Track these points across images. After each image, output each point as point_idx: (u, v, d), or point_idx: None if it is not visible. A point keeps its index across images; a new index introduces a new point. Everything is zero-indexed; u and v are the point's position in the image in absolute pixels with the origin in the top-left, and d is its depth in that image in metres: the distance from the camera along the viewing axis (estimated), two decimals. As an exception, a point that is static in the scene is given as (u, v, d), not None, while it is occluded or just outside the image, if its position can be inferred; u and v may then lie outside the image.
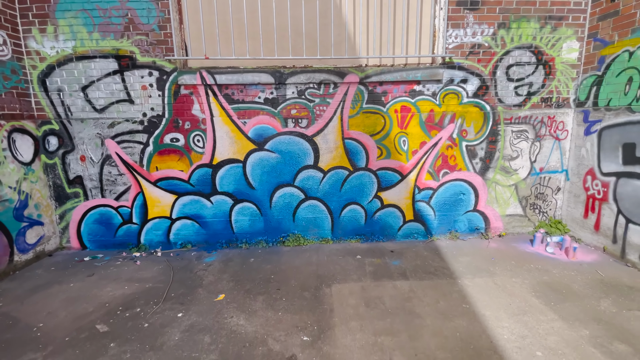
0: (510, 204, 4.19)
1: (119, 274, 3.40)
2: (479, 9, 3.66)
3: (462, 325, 2.50)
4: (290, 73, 3.64)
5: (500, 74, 3.83)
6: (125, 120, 3.67)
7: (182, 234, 3.98)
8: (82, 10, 3.46)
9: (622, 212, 3.45)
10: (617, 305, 2.73)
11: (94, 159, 3.76)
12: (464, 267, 3.44)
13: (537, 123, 3.98)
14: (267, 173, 3.88)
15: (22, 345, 2.34)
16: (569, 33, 3.80)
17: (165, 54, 3.55)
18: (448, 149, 3.97)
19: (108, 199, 3.87)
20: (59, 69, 3.59)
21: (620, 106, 3.42)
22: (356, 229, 4.10)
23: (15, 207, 3.45)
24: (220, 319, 2.60)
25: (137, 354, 2.22)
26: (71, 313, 2.72)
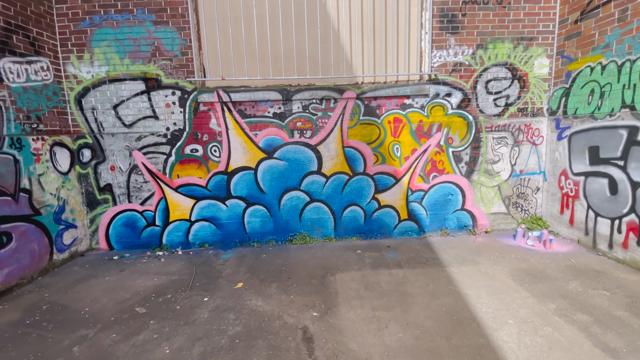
0: (495, 203, 4.65)
1: (147, 269, 3.84)
2: (459, 32, 4.20)
3: (448, 302, 2.94)
4: (296, 90, 4.16)
5: (480, 88, 4.35)
6: (150, 134, 4.18)
7: (200, 235, 4.43)
8: (115, 40, 4.00)
9: (592, 207, 3.91)
10: (584, 285, 3.16)
11: (123, 168, 4.24)
12: (452, 258, 3.88)
13: (515, 130, 4.48)
14: (276, 179, 4.35)
15: (74, 324, 2.78)
16: (540, 51, 4.33)
17: (186, 76, 4.08)
18: (436, 154, 4.45)
19: (134, 204, 4.33)
20: (94, 90, 4.11)
21: (585, 114, 3.92)
22: (356, 228, 4.55)
23: (54, 212, 3.92)
24: (241, 302, 3.03)
25: (175, 327, 2.66)
26: (111, 299, 3.16)
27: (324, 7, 4.17)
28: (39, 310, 3.02)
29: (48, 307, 3.06)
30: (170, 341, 2.49)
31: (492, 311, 2.77)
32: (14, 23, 3.57)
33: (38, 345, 2.51)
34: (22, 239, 3.52)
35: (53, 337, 2.60)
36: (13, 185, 3.45)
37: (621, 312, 2.68)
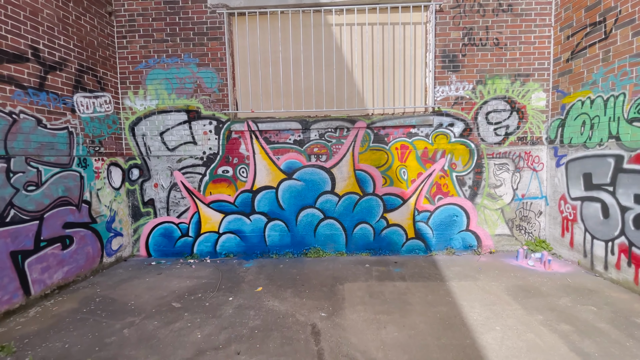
0: (498, 225, 4.94)
1: (180, 273, 4.41)
2: (459, 70, 4.72)
3: (443, 310, 3.28)
4: (314, 121, 4.77)
5: (481, 118, 4.79)
6: (189, 157, 4.88)
7: (226, 246, 4.98)
8: (165, 79, 4.82)
9: (588, 230, 4.15)
10: (574, 301, 3.40)
11: (164, 185, 4.94)
12: (454, 274, 4.19)
13: (515, 157, 4.84)
14: (294, 197, 4.89)
15: (123, 313, 3.34)
16: (536, 86, 4.75)
17: (222, 108, 4.81)
18: (441, 178, 4.86)
19: (172, 217, 4.99)
20: (145, 119, 4.90)
21: (579, 143, 4.25)
22: (366, 244, 4.96)
23: (107, 221, 4.62)
24: (260, 302, 3.50)
25: (205, 319, 3.16)
26: (152, 296, 3.72)
27: (339, 51, 4.83)
28: (93, 301, 3.62)
29: (100, 300, 3.66)
30: (201, 329, 2.98)
31: (482, 319, 3.08)
32: (85, 65, 4.42)
33: (94, 327, 3.08)
34: (80, 243, 4.20)
35: (106, 322, 3.16)
36: (78, 197, 4.18)
37: (603, 325, 2.93)
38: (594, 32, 3.99)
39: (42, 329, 3.04)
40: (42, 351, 2.70)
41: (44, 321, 3.19)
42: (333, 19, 4.80)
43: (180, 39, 4.79)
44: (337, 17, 4.80)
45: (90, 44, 4.47)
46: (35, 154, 3.62)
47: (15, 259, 3.36)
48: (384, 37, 4.82)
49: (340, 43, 4.85)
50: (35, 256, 3.58)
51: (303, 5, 4.68)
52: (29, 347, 2.77)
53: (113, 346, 2.76)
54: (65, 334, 2.97)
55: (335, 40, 4.82)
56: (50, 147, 3.82)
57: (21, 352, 2.70)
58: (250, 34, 4.83)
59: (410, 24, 4.79)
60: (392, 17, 4.74)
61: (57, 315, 3.31)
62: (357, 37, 4.82)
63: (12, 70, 3.43)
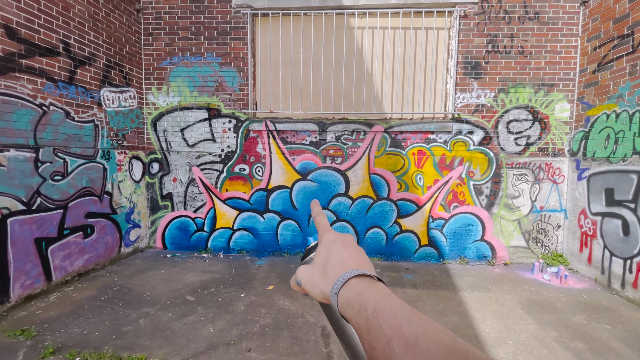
0: (514, 237, 4.86)
1: (194, 267, 4.50)
2: (482, 77, 4.66)
3: (454, 320, 3.25)
4: (331, 123, 4.79)
5: (501, 127, 4.71)
6: (208, 154, 4.97)
7: (240, 242, 5.06)
8: (188, 77, 4.92)
9: (607, 247, 4.04)
10: (589, 319, 3.32)
11: (183, 180, 5.05)
12: (466, 284, 4.15)
13: (535, 168, 4.74)
14: (308, 197, 4.93)
15: (139, 303, 3.44)
16: (560, 97, 4.65)
17: (241, 107, 4.88)
18: (458, 186, 4.81)
19: (188, 211, 5.10)
20: (167, 115, 5.02)
21: (602, 157, 4.14)
22: (378, 249, 4.96)
23: (126, 212, 4.76)
24: (271, 300, 3.55)
25: (217, 314, 3.23)
26: (167, 288, 3.82)
27: (360, 54, 4.84)
28: (111, 290, 3.74)
29: (118, 289, 3.78)
30: (214, 323, 3.05)
31: (494, 332, 3.05)
32: (113, 61, 4.56)
33: (112, 315, 3.19)
34: (101, 232, 4.34)
35: (123, 311, 3.27)
36: (100, 188, 4.32)
37: (616, 344, 2.86)
38: (622, 44, 3.87)
39: (62, 315, 3.17)
40: (61, 336, 2.82)
41: (63, 307, 3.32)
42: (355, 21, 4.81)
43: (204, 37, 4.89)
44: (360, 20, 4.81)
45: (118, 40, 4.60)
46: (62, 145, 3.76)
47: (40, 245, 3.50)
48: (405, 42, 4.80)
49: (362, 46, 4.85)
50: (58, 243, 3.72)
51: (326, 7, 4.70)
52: (48, 331, 2.89)
53: (129, 335, 2.86)
54: (84, 320, 3.09)
55: (356, 43, 4.83)
56: (77, 139, 3.96)
57: (41, 336, 2.81)
58: (273, 34, 4.89)
59: (433, 29, 4.75)
60: (415, 21, 4.71)
61: (76, 301, 3.44)
62: (378, 41, 4.81)
63: (43, 64, 3.57)
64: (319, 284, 0.51)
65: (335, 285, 0.48)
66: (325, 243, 0.55)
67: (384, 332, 0.39)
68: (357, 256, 0.53)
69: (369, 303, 0.43)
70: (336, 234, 0.57)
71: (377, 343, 0.39)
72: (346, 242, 0.55)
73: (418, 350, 0.36)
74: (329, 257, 0.53)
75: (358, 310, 0.43)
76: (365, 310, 0.42)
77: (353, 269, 0.49)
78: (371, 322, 0.41)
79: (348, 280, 0.47)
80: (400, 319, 0.39)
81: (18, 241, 3.27)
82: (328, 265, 0.52)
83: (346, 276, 0.48)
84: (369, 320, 0.41)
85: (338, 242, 0.55)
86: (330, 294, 0.48)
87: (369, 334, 0.41)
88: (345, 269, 0.50)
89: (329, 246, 0.55)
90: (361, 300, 0.44)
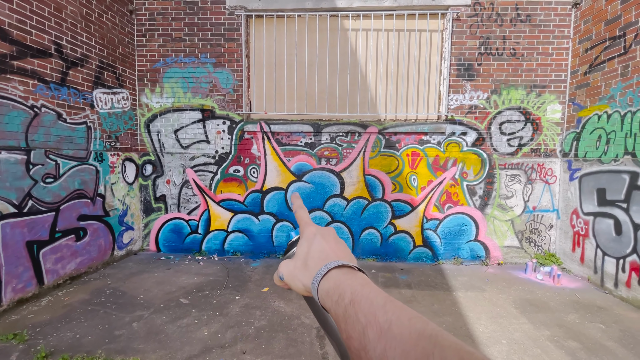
0: (508, 237, 4.89)
1: (189, 269, 4.47)
2: (474, 79, 4.70)
3: (449, 320, 3.27)
4: (325, 125, 4.80)
5: (494, 128, 4.75)
6: (202, 155, 4.95)
7: (234, 244, 5.04)
8: (182, 78, 4.90)
9: (600, 246, 4.09)
10: (583, 318, 3.35)
11: (176, 182, 5.02)
12: (460, 284, 4.17)
13: (528, 169, 4.79)
14: (304, 199, 4.92)
15: (132, 306, 3.41)
16: (552, 98, 4.70)
17: (236, 109, 4.87)
18: (451, 187, 4.84)
19: (182, 214, 5.06)
20: (160, 117, 4.99)
21: (594, 158, 4.19)
22: (373, 250, 4.96)
23: (119, 215, 4.71)
24: (266, 302, 3.54)
25: (211, 316, 3.21)
26: (161, 290, 3.79)
27: (354, 55, 4.85)
28: (104, 293, 3.70)
29: (111, 292, 3.74)
30: (208, 326, 3.03)
31: (488, 332, 3.07)
32: (105, 62, 4.53)
33: (105, 319, 3.15)
34: (94, 235, 4.30)
35: (116, 315, 3.23)
36: (93, 190, 4.28)
37: (610, 343, 2.89)
38: (613, 46, 3.93)
39: (54, 319, 3.13)
40: (54, 340, 2.78)
41: (55, 311, 3.28)
42: (349, 24, 4.83)
43: (198, 39, 4.87)
44: (354, 22, 4.83)
45: (111, 41, 4.57)
46: (54, 147, 3.72)
47: (31, 248, 3.46)
48: (399, 44, 4.83)
49: (356, 48, 4.87)
50: (50, 247, 3.68)
51: (320, 9, 4.71)
52: (40, 335, 2.85)
53: (122, 339, 2.83)
54: (76, 324, 3.05)
55: (350, 45, 4.85)
56: (69, 140, 3.92)
57: (33, 340, 2.78)
58: (267, 36, 4.88)
59: (427, 31, 4.78)
60: (408, 23, 4.74)
61: (68, 305, 3.40)
62: (372, 43, 4.84)
63: (35, 65, 3.54)
64: (300, 277, 0.52)
65: (316, 277, 0.48)
66: (306, 237, 0.56)
67: (359, 321, 0.40)
68: (337, 248, 0.54)
69: (347, 293, 0.43)
70: (317, 227, 0.57)
71: (353, 332, 0.40)
72: (327, 235, 0.56)
73: (390, 336, 0.37)
74: (310, 250, 0.54)
75: (336, 301, 0.44)
76: (343, 300, 0.43)
77: (333, 260, 0.50)
78: (348, 312, 0.42)
79: (328, 272, 0.48)
80: (376, 307, 0.40)
81: (9, 244, 3.23)
82: (309, 258, 0.53)
83: (326, 267, 0.48)
84: (346, 309, 0.42)
85: (319, 235, 0.56)
86: (311, 286, 0.49)
87: (346, 323, 0.41)
88: (325, 261, 0.50)
89: (310, 239, 0.55)
90: (339, 291, 0.45)
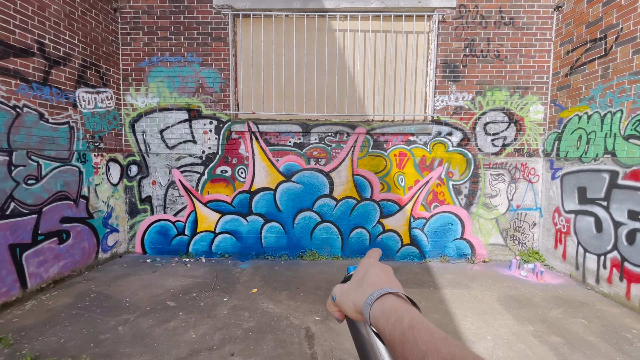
0: (493, 235, 4.99)
1: (175, 272, 4.41)
2: (460, 80, 4.78)
3: (436, 317, 3.31)
4: (314, 125, 4.81)
5: (479, 129, 4.84)
6: (188, 156, 4.89)
7: (222, 246, 5.00)
8: (168, 77, 4.83)
9: (581, 243, 4.21)
10: (565, 313, 3.45)
11: (162, 183, 4.95)
12: (447, 282, 4.24)
13: (512, 168, 4.90)
14: (292, 199, 4.92)
15: (118, 310, 3.34)
16: (534, 99, 4.82)
17: (223, 108, 4.83)
18: (437, 186, 4.91)
19: (168, 215, 4.99)
20: (145, 117, 4.91)
21: (575, 157, 4.31)
22: (362, 249, 4.99)
23: (104, 217, 4.62)
24: (255, 304, 3.52)
25: (199, 319, 3.17)
26: (147, 293, 3.73)
27: (342, 56, 4.87)
28: (88, 297, 3.62)
29: (95, 296, 3.66)
30: (195, 329, 3.00)
31: (474, 328, 3.13)
32: (88, 61, 4.43)
33: (89, 323, 3.09)
34: (77, 238, 4.20)
35: (101, 319, 3.17)
36: (76, 192, 4.18)
37: (593, 338, 2.97)
38: (594, 48, 4.05)
39: (38, 323, 3.05)
40: (39, 345, 2.71)
41: (39, 315, 3.20)
42: (337, 24, 4.85)
43: (184, 37, 4.82)
44: (341, 23, 4.84)
45: (95, 39, 4.47)
46: (36, 147, 3.62)
47: (14, 251, 3.36)
48: (386, 45, 4.87)
49: (343, 49, 4.89)
50: (33, 250, 3.58)
51: (308, 10, 4.71)
52: (25, 340, 2.77)
53: (108, 343, 2.77)
54: (61, 328, 2.98)
55: (338, 45, 4.87)
56: (51, 141, 3.82)
57: (18, 344, 2.70)
58: (255, 36, 4.86)
59: (413, 32, 4.84)
60: (395, 25, 4.79)
61: (52, 309, 3.32)
62: (360, 44, 4.87)
63: (17, 65, 3.44)
64: (353, 295, 0.54)
65: (371, 296, 0.50)
66: (364, 264, 0.59)
67: (419, 347, 0.41)
68: (392, 279, 0.56)
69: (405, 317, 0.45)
70: (376, 260, 0.60)
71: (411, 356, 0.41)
72: (384, 267, 0.59)
73: None
74: (366, 275, 0.56)
75: (393, 322, 0.45)
76: (402, 323, 0.44)
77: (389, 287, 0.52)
78: (406, 336, 0.43)
79: (383, 295, 0.50)
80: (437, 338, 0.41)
81: (-12, 248, 3.13)
82: (364, 281, 0.55)
83: (382, 290, 0.50)
84: (404, 333, 0.43)
85: (376, 265, 0.58)
86: (363, 304, 0.50)
87: (403, 347, 0.42)
88: (381, 286, 0.52)
89: (367, 267, 0.58)
90: (397, 314, 0.46)
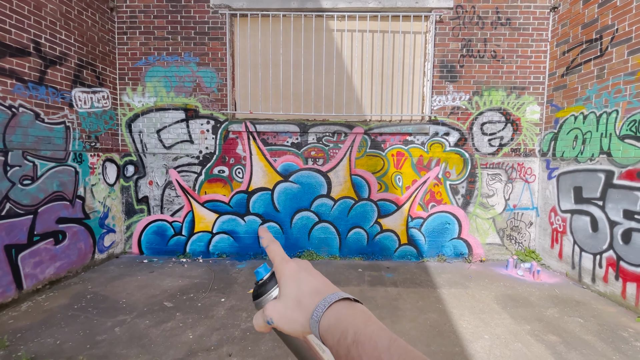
0: (490, 234, 5.01)
1: (173, 272, 4.40)
2: (457, 81, 4.79)
3: (433, 317, 3.32)
4: (312, 125, 4.80)
5: (476, 129, 4.86)
6: (185, 156, 4.87)
7: (220, 246, 4.98)
8: (165, 77, 4.81)
9: (577, 243, 4.24)
10: (562, 312, 3.47)
11: (159, 183, 4.92)
12: (444, 281, 4.25)
13: (508, 168, 4.92)
14: (290, 199, 4.92)
15: (115, 311, 3.33)
16: (531, 99, 4.84)
17: (220, 108, 4.81)
18: (435, 186, 4.92)
19: (165, 215, 4.97)
20: (142, 116, 4.89)
21: (571, 157, 4.34)
22: (359, 249, 5.00)
23: (100, 217, 4.59)
24: (253, 304, 3.51)
25: (197, 320, 3.16)
26: (144, 294, 3.71)
27: (339, 56, 4.88)
28: (84, 298, 3.60)
29: (92, 297, 3.64)
30: (193, 329, 2.99)
31: (471, 327, 3.14)
32: (85, 60, 4.40)
33: (86, 324, 3.07)
34: (73, 238, 4.17)
35: (98, 320, 3.15)
36: (72, 192, 4.15)
37: (589, 337, 2.99)
38: (590, 49, 4.08)
39: (34, 324, 3.03)
40: (34, 346, 2.69)
41: (35, 316, 3.17)
42: (335, 24, 4.85)
43: (181, 37, 4.80)
44: (339, 22, 4.85)
45: (91, 39, 4.45)
46: (32, 148, 3.60)
47: (9, 252, 3.33)
48: (384, 45, 4.88)
49: (341, 49, 4.89)
50: (29, 250, 3.55)
51: (305, 9, 4.71)
52: (21, 341, 2.75)
53: (104, 344, 2.76)
54: (57, 330, 2.96)
55: (335, 45, 4.87)
56: (47, 141, 3.79)
57: (14, 346, 2.68)
58: (252, 35, 4.85)
59: (411, 33, 4.85)
60: (392, 25, 4.79)
61: (48, 310, 3.29)
62: (357, 44, 4.87)
63: (13, 64, 3.42)
64: (296, 317, 0.49)
65: (316, 312, 0.47)
66: (289, 275, 0.53)
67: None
68: (324, 281, 0.52)
69: (349, 332, 0.42)
70: (296, 262, 0.55)
71: None
72: (308, 268, 0.54)
73: None
74: (301, 288, 0.51)
75: (338, 340, 0.43)
76: (346, 339, 0.42)
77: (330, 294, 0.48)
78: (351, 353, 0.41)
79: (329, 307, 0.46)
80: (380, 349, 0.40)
81: (-17, 249, 3.10)
82: (302, 296, 0.50)
83: (327, 302, 0.47)
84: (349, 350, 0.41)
85: (303, 270, 0.53)
86: (310, 322, 0.47)
87: None
88: (321, 296, 0.49)
89: (295, 277, 0.52)
90: (341, 328, 0.43)
